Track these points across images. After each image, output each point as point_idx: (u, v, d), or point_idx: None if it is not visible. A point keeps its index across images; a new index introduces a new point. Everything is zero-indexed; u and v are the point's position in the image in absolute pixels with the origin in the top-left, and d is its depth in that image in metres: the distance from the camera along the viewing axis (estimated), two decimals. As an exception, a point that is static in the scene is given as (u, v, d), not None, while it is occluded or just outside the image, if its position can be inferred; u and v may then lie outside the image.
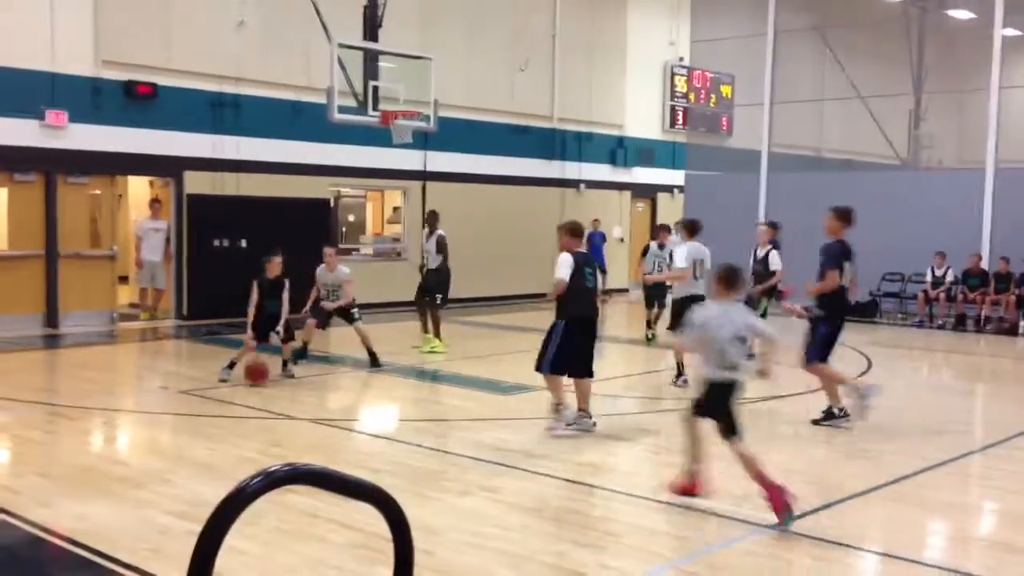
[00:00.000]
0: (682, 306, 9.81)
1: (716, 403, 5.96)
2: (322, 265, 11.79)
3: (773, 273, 12.10)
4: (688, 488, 6.17)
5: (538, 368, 8.23)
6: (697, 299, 9.59)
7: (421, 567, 4.74)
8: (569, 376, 8.25)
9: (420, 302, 13.28)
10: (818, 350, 8.81)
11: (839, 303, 8.82)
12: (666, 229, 15.02)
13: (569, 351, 8.12)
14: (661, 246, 14.58)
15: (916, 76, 24.25)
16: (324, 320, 11.74)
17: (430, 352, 12.71)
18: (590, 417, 8.23)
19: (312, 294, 11.81)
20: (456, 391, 10.45)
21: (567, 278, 8.11)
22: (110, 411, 9.13)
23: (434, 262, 13.19)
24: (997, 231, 16.95)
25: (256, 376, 10.14)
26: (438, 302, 13.08)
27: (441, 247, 13.13)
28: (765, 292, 12.03)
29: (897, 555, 5.35)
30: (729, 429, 5.90)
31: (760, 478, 5.69)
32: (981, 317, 16.46)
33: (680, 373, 10.55)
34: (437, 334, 12.97)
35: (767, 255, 12.37)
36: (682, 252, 10.84)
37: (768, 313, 11.87)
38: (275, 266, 10.68)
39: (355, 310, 11.73)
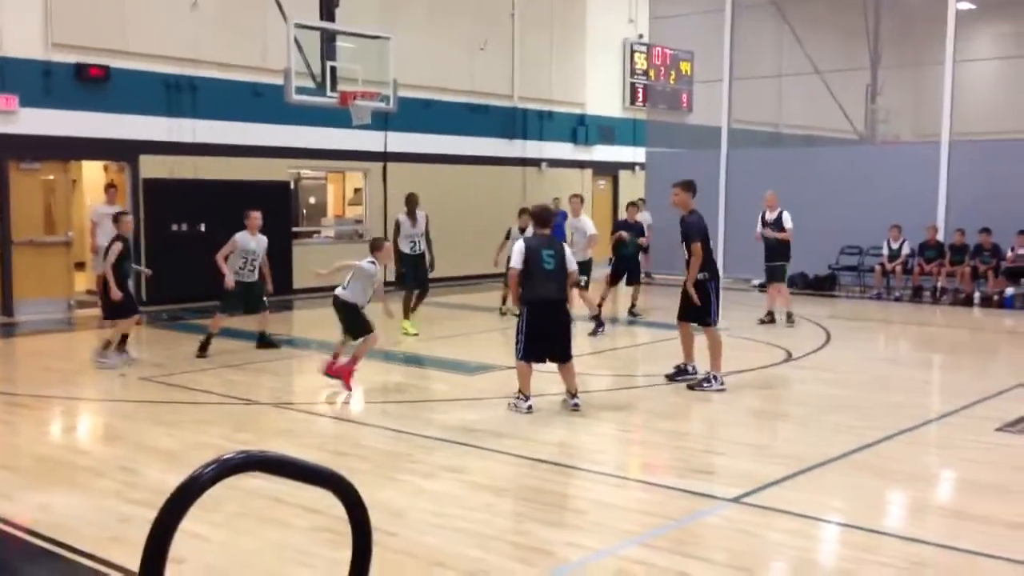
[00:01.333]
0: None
1: None
2: (243, 231, 11.16)
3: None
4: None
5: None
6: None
7: (386, 548, 4.75)
8: (550, 362, 8.25)
9: (410, 288, 13.03)
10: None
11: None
12: (634, 206, 15.26)
13: (536, 337, 8.09)
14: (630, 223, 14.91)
15: (873, 51, 24.45)
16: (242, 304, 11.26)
17: (404, 333, 12.49)
18: (573, 398, 8.21)
19: (221, 260, 10.99)
20: (421, 372, 10.44)
21: (518, 266, 8.10)
22: (69, 399, 9.01)
23: (422, 246, 13.05)
24: (952, 203, 17.19)
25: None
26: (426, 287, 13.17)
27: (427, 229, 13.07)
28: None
29: (858, 525, 5.43)
30: None
31: None
32: (937, 288, 16.71)
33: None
34: (407, 315, 12.85)
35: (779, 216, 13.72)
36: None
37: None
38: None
39: (264, 299, 11.40)
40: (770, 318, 13.73)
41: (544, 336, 8.11)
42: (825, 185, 18.43)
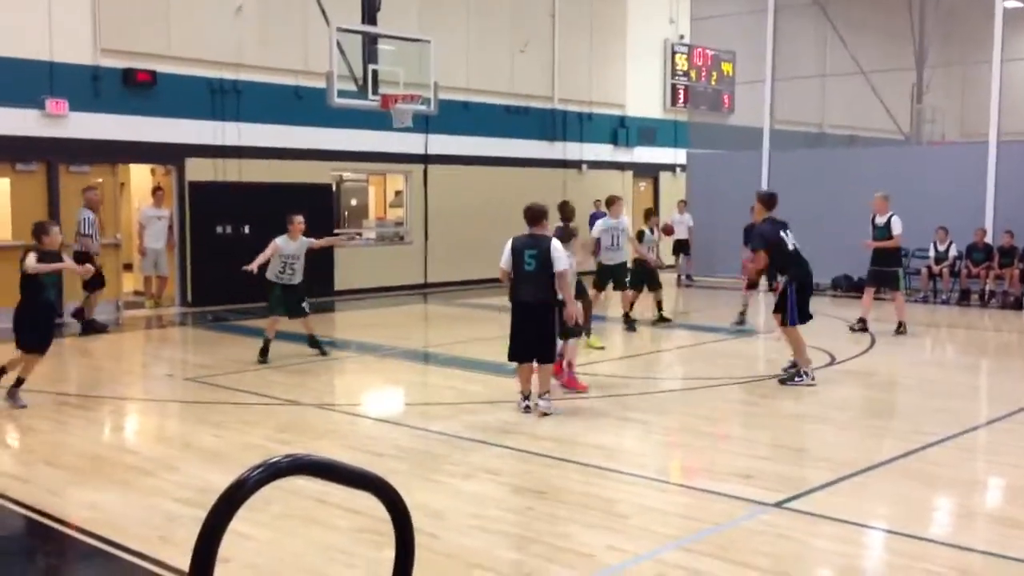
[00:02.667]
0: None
1: None
2: (283, 236, 10.86)
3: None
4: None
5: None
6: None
7: (426, 550, 4.78)
8: (537, 362, 8.20)
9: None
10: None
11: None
12: (652, 213, 15.42)
13: (516, 336, 8.15)
14: (652, 230, 14.66)
15: (918, 50, 24.11)
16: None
17: (596, 347, 11.54)
18: (526, 399, 8.20)
19: (262, 258, 10.73)
20: (460, 374, 10.47)
21: (504, 266, 8.24)
22: (117, 399, 9.17)
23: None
24: (1000, 205, 16.89)
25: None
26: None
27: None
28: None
29: (903, 532, 5.36)
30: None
31: None
32: (985, 292, 16.43)
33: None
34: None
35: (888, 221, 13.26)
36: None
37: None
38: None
39: (305, 303, 11.06)
40: (862, 326, 13.12)
41: (520, 336, 8.10)
42: (869, 186, 18.11)
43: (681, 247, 20.58)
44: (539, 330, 8.09)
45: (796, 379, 9.37)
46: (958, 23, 23.80)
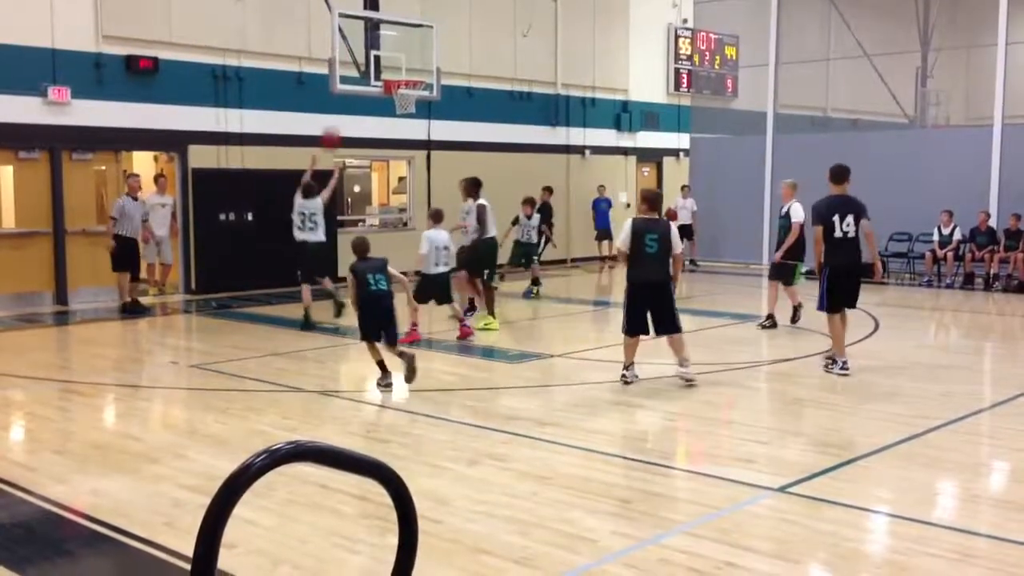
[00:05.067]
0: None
1: None
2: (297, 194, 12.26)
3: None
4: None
5: None
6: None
7: (430, 536, 4.80)
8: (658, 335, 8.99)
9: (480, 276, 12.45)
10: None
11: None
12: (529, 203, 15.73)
13: (637, 313, 8.75)
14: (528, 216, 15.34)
15: (923, 33, 24.01)
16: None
17: (484, 329, 11.88)
18: (627, 369, 8.85)
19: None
20: (464, 360, 10.49)
21: (622, 246, 8.75)
22: (122, 387, 9.20)
23: (471, 235, 12.40)
24: (1005, 188, 16.85)
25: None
26: (486, 278, 12.32)
27: (480, 219, 12.29)
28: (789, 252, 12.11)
29: (906, 516, 5.37)
30: None
31: None
32: (990, 275, 16.41)
33: None
34: (491, 311, 12.21)
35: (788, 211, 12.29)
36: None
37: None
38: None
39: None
40: (771, 322, 12.35)
41: (653, 314, 8.69)
42: (874, 170, 18.12)
43: (685, 232, 20.55)
44: (666, 306, 8.69)
45: (830, 366, 9.31)
46: (963, 6, 23.69)
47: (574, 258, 21.41)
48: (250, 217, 16.10)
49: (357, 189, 21.00)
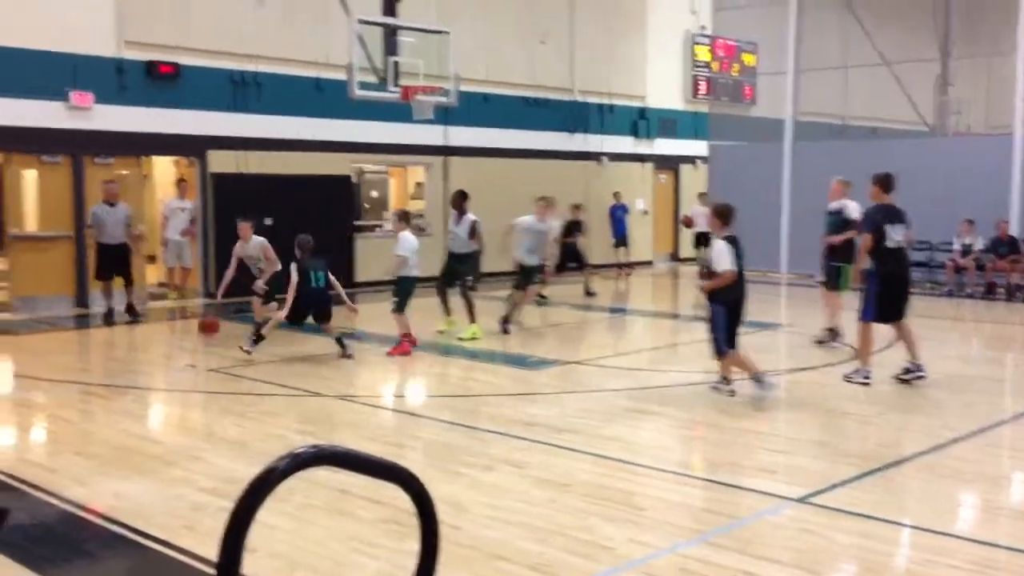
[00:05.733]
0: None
1: None
2: (239, 243, 11.61)
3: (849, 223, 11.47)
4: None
5: None
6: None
7: (448, 542, 4.78)
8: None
9: (443, 286, 12.64)
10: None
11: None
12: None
13: (734, 328, 8.51)
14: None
15: (943, 41, 23.86)
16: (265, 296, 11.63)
17: (471, 339, 11.81)
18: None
19: (229, 273, 11.65)
20: (481, 366, 10.48)
21: (732, 267, 8.23)
22: (142, 390, 9.24)
23: (463, 247, 12.45)
24: (1025, 197, 16.73)
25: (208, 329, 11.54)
26: (469, 285, 12.53)
27: (474, 233, 12.43)
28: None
29: (927, 527, 5.33)
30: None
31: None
32: (1010, 285, 16.27)
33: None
34: (473, 319, 12.16)
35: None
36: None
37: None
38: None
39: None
40: (832, 336, 11.82)
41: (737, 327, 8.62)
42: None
43: (702, 239, 20.50)
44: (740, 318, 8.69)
45: (853, 375, 9.19)
46: (983, 14, 23.55)
47: (592, 265, 21.35)
48: (269, 222, 16.13)
49: (374, 195, 21.05)
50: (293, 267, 10.31)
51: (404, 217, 11.63)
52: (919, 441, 7.07)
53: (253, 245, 11.41)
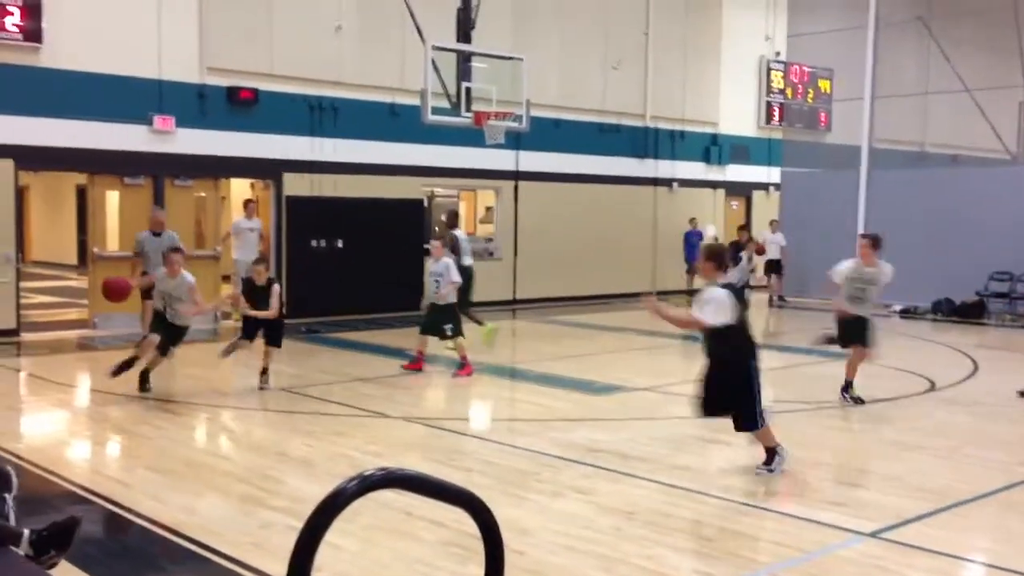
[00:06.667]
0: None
1: None
2: (162, 269, 9.90)
3: None
4: None
5: None
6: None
7: (513, 567, 4.78)
8: None
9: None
10: None
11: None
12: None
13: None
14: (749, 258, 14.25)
15: (1026, 67, 23.24)
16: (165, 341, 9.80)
17: (488, 337, 12.66)
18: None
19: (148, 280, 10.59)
20: (547, 391, 10.47)
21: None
22: (214, 407, 9.43)
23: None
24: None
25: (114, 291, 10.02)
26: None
27: (454, 248, 12.54)
28: None
29: (1004, 567, 5.15)
30: None
31: None
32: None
33: None
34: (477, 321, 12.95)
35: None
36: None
37: None
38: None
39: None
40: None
41: None
42: (973, 207, 17.62)
43: (773, 267, 20.23)
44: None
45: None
46: (1070, 39, 22.86)
47: (660, 291, 21.23)
48: (340, 244, 16.42)
49: (444, 218, 21.26)
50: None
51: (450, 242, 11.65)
52: (996, 477, 6.85)
53: (178, 281, 9.70)
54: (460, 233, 13.23)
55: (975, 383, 11.01)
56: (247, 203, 16.41)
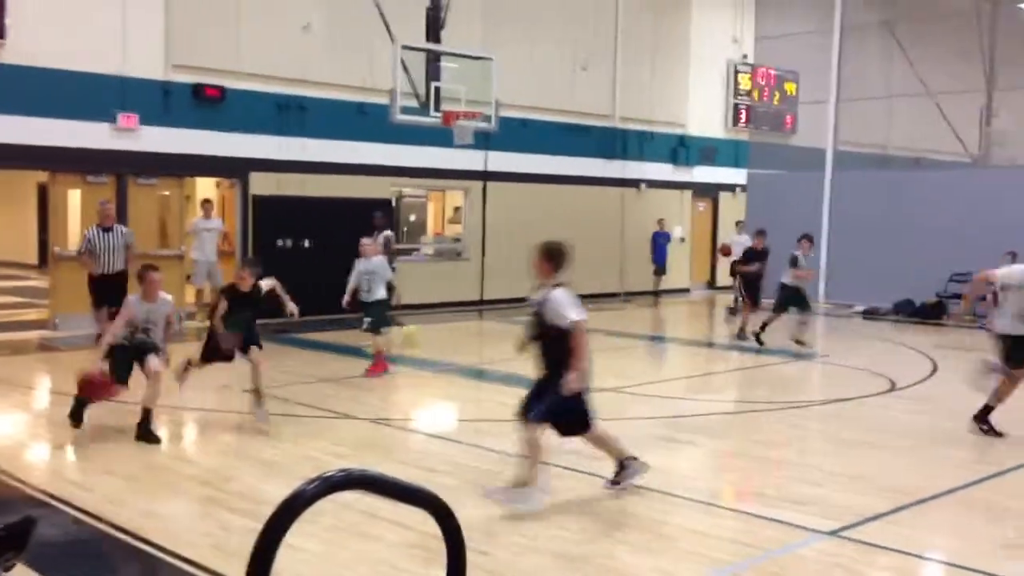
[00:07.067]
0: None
1: None
2: (134, 296, 8.27)
3: None
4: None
5: None
6: None
7: (476, 568, 4.77)
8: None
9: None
10: None
11: None
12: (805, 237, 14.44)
13: None
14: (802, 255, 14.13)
15: (988, 72, 23.62)
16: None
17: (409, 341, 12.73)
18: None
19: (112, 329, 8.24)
20: (514, 391, 10.44)
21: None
22: (176, 409, 9.33)
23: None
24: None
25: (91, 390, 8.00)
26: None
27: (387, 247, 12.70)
28: None
29: (963, 565, 5.23)
30: None
31: None
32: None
33: None
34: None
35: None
36: None
37: None
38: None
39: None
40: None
41: None
42: (934, 209, 17.87)
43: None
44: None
45: None
46: (1030, 45, 23.27)
47: (627, 292, 21.33)
48: (307, 244, 16.32)
49: (412, 218, 21.22)
50: (220, 299, 8.72)
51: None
52: (956, 475, 6.95)
53: (158, 306, 8.25)
54: (391, 234, 13.35)
55: (935, 383, 11.17)
56: (205, 203, 16.24)
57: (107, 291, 11.94)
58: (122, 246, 12.31)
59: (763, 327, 13.54)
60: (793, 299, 13.66)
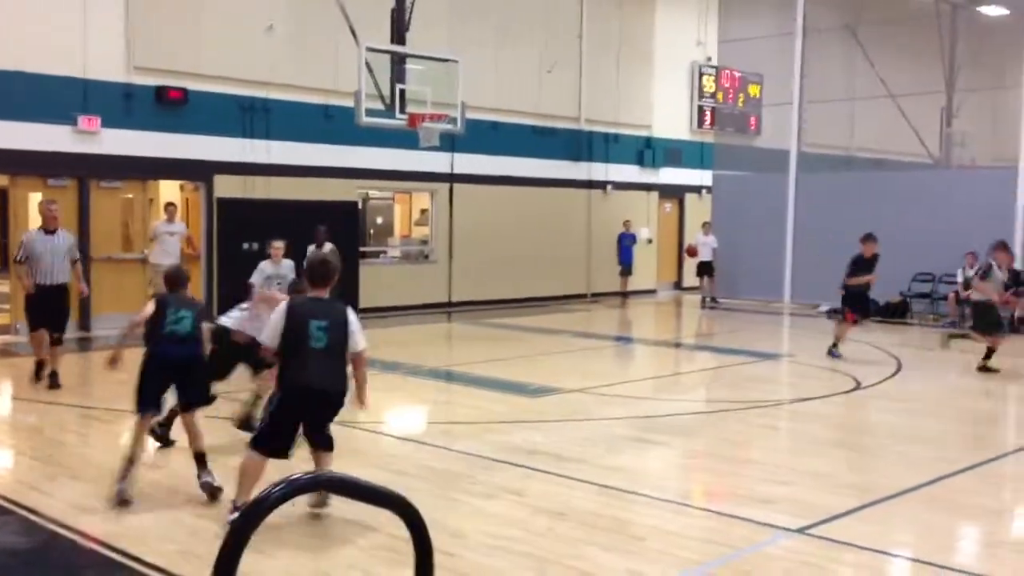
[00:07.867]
0: None
1: None
2: (266, 260, 9.13)
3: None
4: None
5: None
6: None
7: (445, 570, 4.77)
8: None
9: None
10: None
11: None
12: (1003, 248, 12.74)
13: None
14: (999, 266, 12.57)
15: (948, 74, 24.00)
16: None
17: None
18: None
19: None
20: (483, 394, 10.47)
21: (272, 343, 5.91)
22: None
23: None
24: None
25: None
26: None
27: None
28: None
29: (928, 560, 5.29)
30: None
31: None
32: (1014, 318, 16.22)
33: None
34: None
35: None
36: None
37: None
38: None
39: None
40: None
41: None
42: (897, 210, 18.09)
43: (705, 269, 20.53)
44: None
45: None
46: (989, 47, 23.66)
47: (595, 293, 21.40)
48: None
49: (379, 221, 21.15)
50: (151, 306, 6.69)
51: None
52: (920, 473, 7.03)
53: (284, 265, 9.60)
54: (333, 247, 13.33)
55: (899, 382, 11.30)
56: (168, 206, 16.03)
57: (45, 309, 10.18)
58: (65, 254, 10.31)
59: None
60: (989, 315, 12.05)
